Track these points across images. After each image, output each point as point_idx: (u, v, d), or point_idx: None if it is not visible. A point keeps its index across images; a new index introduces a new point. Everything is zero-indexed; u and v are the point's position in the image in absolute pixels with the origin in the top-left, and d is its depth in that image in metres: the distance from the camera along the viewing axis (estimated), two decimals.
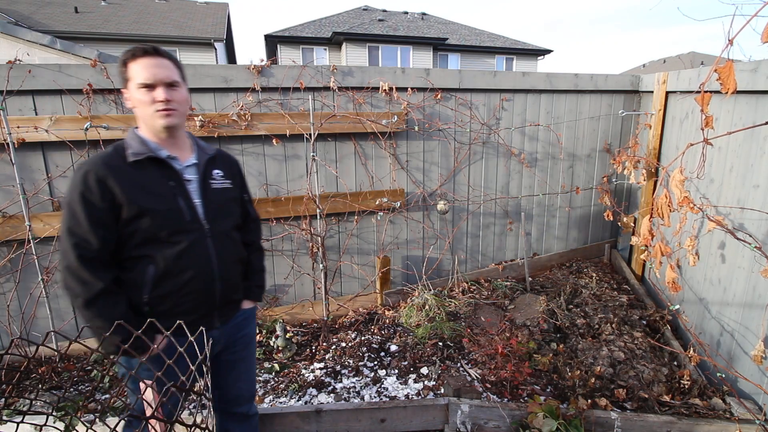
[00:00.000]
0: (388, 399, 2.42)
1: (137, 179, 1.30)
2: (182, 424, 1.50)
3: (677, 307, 2.90)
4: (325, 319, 3.16)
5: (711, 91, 2.62)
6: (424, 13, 20.89)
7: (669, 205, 1.52)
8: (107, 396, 2.45)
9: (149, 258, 1.31)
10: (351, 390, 2.49)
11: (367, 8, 20.47)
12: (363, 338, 3.01)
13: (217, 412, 1.68)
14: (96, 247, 1.24)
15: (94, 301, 1.23)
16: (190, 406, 2.26)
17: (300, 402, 2.41)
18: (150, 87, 1.28)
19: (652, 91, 3.52)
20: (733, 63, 1.18)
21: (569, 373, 2.53)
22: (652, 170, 3.45)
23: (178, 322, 1.17)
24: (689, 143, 1.56)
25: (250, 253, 1.63)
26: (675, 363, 2.69)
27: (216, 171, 1.48)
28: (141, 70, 1.27)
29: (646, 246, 1.66)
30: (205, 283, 1.38)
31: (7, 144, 2.46)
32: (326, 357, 2.82)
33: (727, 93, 1.18)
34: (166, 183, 1.34)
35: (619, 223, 4.04)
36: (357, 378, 2.60)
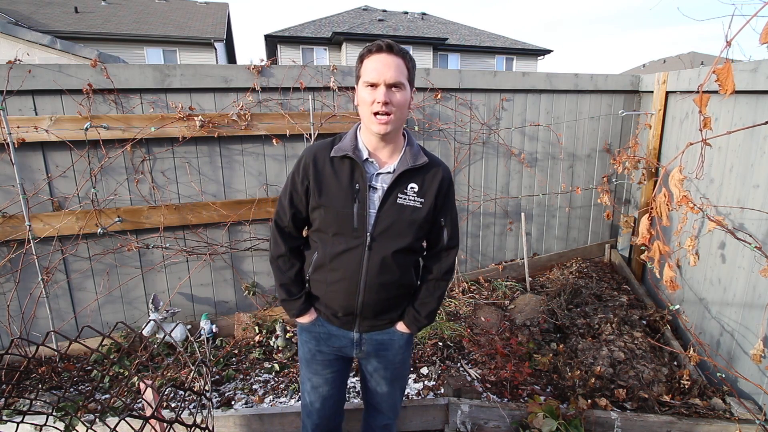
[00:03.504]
0: None
1: (329, 174, 1.34)
2: (182, 424, 1.51)
3: (677, 307, 2.90)
4: None
5: (710, 92, 2.62)
6: (424, 13, 20.89)
7: (668, 204, 1.52)
8: (107, 396, 2.45)
9: (317, 245, 1.42)
10: (351, 390, 2.49)
11: (367, 8, 20.47)
12: None
13: (362, 422, 1.77)
14: (287, 219, 1.43)
15: (276, 259, 1.47)
16: (190, 406, 2.26)
17: (300, 402, 2.41)
18: (374, 86, 1.24)
19: (652, 91, 3.52)
20: (731, 64, 1.18)
21: (569, 373, 2.53)
22: (652, 170, 3.45)
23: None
24: (689, 142, 1.56)
25: (425, 278, 1.49)
26: (675, 363, 2.69)
27: (412, 185, 1.34)
28: (371, 68, 1.23)
29: (645, 245, 1.66)
30: (348, 292, 1.37)
31: (7, 144, 2.45)
32: None
33: (725, 94, 1.18)
34: (351, 185, 1.32)
35: (619, 223, 4.05)
36: (357, 378, 2.60)
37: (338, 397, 1.61)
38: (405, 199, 1.34)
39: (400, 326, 1.50)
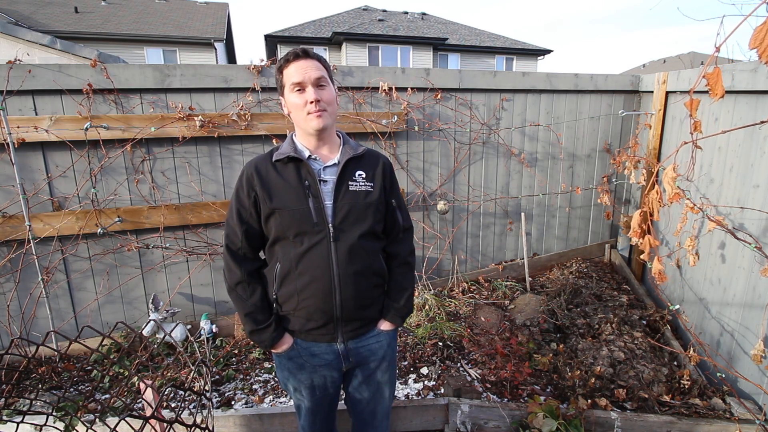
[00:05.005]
0: None
1: (275, 179, 1.34)
2: (182, 424, 1.51)
3: (677, 307, 2.90)
4: None
5: (706, 92, 2.62)
6: (424, 13, 20.88)
7: (659, 200, 1.53)
8: (107, 396, 2.45)
9: (277, 256, 1.37)
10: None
11: (367, 8, 20.47)
12: None
13: None
14: (240, 239, 1.36)
15: (234, 288, 1.38)
16: (190, 406, 2.26)
17: None
18: (301, 88, 1.29)
19: (652, 91, 3.52)
20: (720, 70, 1.19)
21: (569, 373, 2.53)
22: (652, 170, 3.45)
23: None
24: (683, 141, 1.56)
25: (392, 266, 1.49)
26: (675, 363, 2.68)
27: (359, 172, 1.40)
28: (293, 72, 1.29)
29: (638, 240, 1.66)
30: (323, 291, 1.32)
31: (7, 144, 2.46)
32: None
33: (715, 98, 1.19)
34: (301, 183, 1.33)
35: (619, 223, 4.05)
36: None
37: (331, 408, 1.55)
38: (356, 185, 1.37)
39: (384, 325, 1.47)
